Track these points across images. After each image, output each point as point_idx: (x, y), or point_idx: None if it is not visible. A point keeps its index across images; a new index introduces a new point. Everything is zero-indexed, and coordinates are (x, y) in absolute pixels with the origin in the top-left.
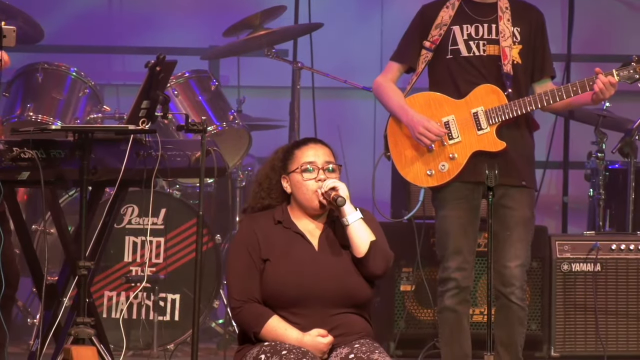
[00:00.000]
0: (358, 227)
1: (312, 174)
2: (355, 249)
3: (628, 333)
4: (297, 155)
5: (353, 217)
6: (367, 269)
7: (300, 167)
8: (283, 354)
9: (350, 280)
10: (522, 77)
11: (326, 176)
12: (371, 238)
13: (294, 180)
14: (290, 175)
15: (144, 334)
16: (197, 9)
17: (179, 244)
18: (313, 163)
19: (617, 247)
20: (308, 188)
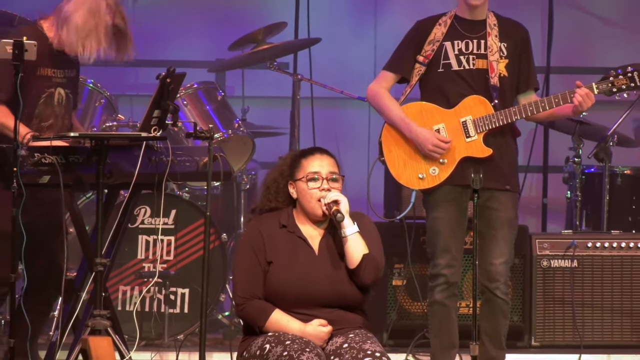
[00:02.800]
0: (353, 241)
1: (316, 183)
2: (349, 260)
3: (603, 324)
4: (303, 165)
5: (350, 230)
6: (358, 279)
7: (306, 177)
8: (287, 343)
9: (344, 286)
10: (508, 89)
11: (330, 186)
12: (364, 251)
13: (300, 188)
14: (297, 183)
15: (156, 326)
16: (205, 25)
17: (188, 242)
18: (318, 173)
19: (593, 245)
20: (312, 196)
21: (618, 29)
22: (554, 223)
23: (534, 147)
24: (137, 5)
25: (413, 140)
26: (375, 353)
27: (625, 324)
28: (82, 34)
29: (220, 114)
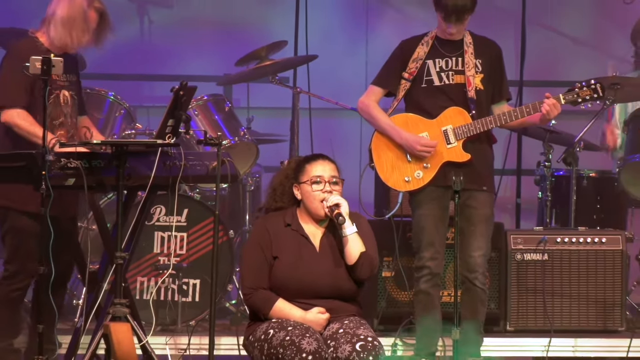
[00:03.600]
0: (352, 240)
1: (319, 186)
2: (347, 257)
3: (571, 311)
4: (307, 169)
5: (349, 231)
6: (355, 274)
7: (310, 180)
8: (289, 329)
9: (342, 280)
10: (483, 100)
11: (331, 188)
12: (362, 249)
13: (304, 190)
14: (301, 185)
15: (170, 313)
16: (213, 43)
17: (199, 238)
18: (321, 177)
19: (562, 240)
20: (315, 198)
21: (584, 47)
22: (526, 220)
23: (508, 152)
24: (152, 26)
25: (403, 145)
26: (367, 337)
27: (591, 311)
28: (67, 25)
29: (227, 123)
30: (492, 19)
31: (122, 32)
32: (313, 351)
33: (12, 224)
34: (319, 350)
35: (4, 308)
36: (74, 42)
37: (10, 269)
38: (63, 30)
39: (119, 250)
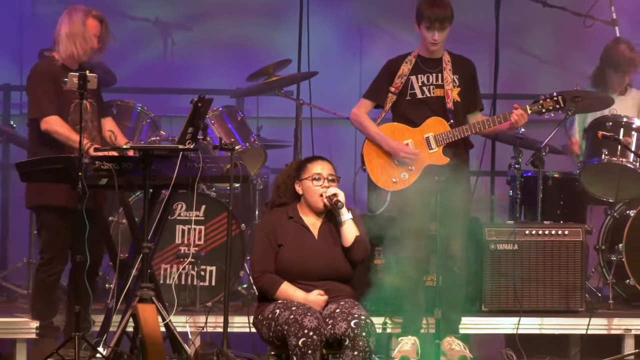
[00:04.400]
0: (348, 225)
1: (319, 182)
2: (344, 240)
3: (537, 294)
4: (308, 168)
5: (346, 217)
6: (350, 255)
7: (311, 177)
8: (293, 309)
9: (338, 262)
10: (460, 111)
11: (329, 184)
12: (357, 234)
13: (305, 186)
14: (303, 182)
15: (190, 295)
16: (227, 60)
17: (215, 230)
18: (320, 174)
19: (530, 232)
20: (315, 192)
21: (549, 64)
22: (499, 215)
23: (483, 156)
24: (175, 47)
25: (389, 152)
26: (360, 316)
27: (555, 293)
28: (71, 38)
29: (239, 130)
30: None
31: (148, 51)
32: (314, 328)
33: (45, 219)
34: (318, 327)
35: (43, 291)
36: (80, 52)
37: (46, 257)
38: (68, 43)
39: (146, 241)
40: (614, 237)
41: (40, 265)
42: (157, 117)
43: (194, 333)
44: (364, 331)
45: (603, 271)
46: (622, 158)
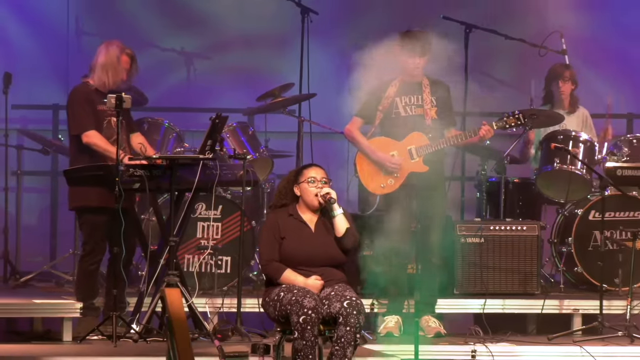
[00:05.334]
0: (340, 218)
1: (313, 184)
2: (337, 231)
3: (500, 279)
4: (305, 173)
5: (338, 212)
6: (342, 244)
7: (307, 180)
8: (294, 292)
9: (332, 251)
10: (437, 127)
11: (322, 186)
12: (347, 226)
13: (302, 188)
14: (300, 185)
15: (208, 281)
16: (241, 84)
17: (230, 227)
18: (314, 177)
19: (493, 228)
20: (311, 193)
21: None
22: (468, 214)
23: (455, 164)
24: (196, 73)
25: (377, 162)
26: (352, 298)
27: (515, 279)
28: (104, 69)
29: (250, 143)
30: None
31: (174, 76)
32: (312, 307)
33: (86, 218)
34: (316, 307)
35: (86, 277)
36: (110, 82)
37: (87, 249)
38: (102, 73)
39: (172, 236)
40: (564, 232)
41: (82, 256)
42: (181, 131)
43: (212, 312)
44: (355, 310)
45: (555, 260)
46: (571, 166)
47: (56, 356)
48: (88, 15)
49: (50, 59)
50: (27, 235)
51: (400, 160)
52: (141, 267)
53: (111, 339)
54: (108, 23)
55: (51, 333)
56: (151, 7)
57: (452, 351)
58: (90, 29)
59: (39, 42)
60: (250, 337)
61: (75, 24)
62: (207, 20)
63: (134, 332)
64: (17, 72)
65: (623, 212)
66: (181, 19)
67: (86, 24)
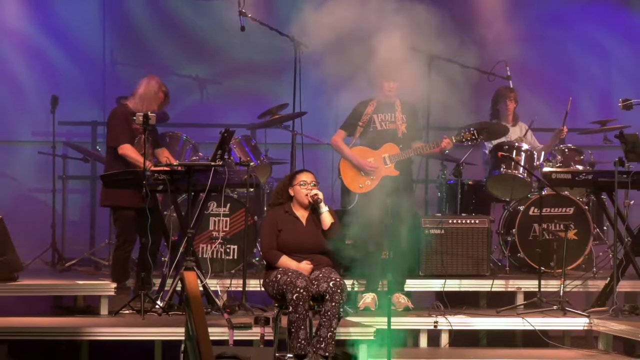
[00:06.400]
0: (325, 215)
1: (304, 187)
2: (323, 225)
3: (457, 263)
4: (298, 177)
5: (324, 209)
6: (327, 235)
7: (299, 183)
8: (289, 274)
9: (319, 241)
10: (407, 139)
11: (312, 188)
12: (332, 220)
13: (296, 189)
14: (294, 187)
15: (219, 265)
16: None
17: (236, 221)
18: (305, 181)
19: (452, 221)
20: (302, 193)
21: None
22: (431, 210)
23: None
24: (208, 95)
25: (357, 167)
26: (336, 279)
27: (469, 263)
28: (142, 99)
29: (253, 152)
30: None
31: (190, 98)
32: (304, 286)
33: (119, 214)
34: (306, 286)
35: (119, 263)
36: (144, 109)
37: (120, 240)
38: (139, 101)
39: (189, 228)
40: (509, 224)
41: (117, 247)
42: (196, 143)
43: (223, 291)
44: (339, 289)
45: (502, 248)
46: (514, 170)
47: (95, 327)
48: (120, 47)
49: (90, 84)
50: (71, 228)
51: (376, 166)
52: (164, 254)
53: (140, 313)
54: (136, 54)
55: (91, 308)
56: (171, 41)
57: (418, 322)
58: (122, 59)
59: (80, 69)
60: (253, 311)
61: (110, 54)
62: (217, 52)
63: (158, 307)
64: (62, 95)
65: (557, 208)
66: (196, 50)
67: (119, 54)
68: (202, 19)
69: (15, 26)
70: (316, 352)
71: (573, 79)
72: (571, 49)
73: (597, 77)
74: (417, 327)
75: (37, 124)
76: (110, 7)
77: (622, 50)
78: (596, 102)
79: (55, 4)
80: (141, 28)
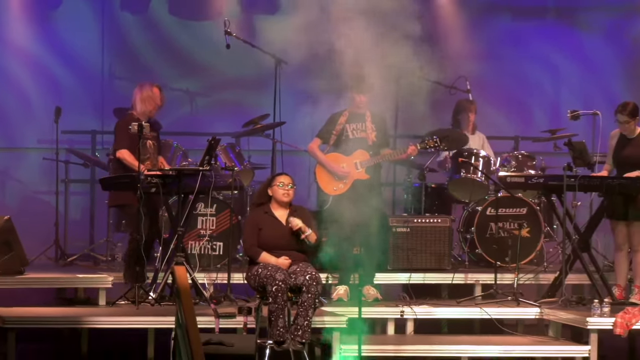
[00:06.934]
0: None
1: (282, 188)
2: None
3: (421, 258)
4: (277, 179)
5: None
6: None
7: (277, 184)
8: (269, 268)
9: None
10: (376, 147)
11: (288, 189)
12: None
13: (274, 190)
14: (273, 187)
15: (206, 260)
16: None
17: (222, 220)
18: (283, 182)
19: (417, 220)
20: (280, 194)
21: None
22: (398, 210)
23: (388, 173)
24: (197, 106)
25: (331, 171)
26: (312, 272)
27: (432, 258)
28: (144, 101)
29: (237, 158)
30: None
31: (182, 109)
32: (282, 279)
33: (127, 212)
34: (285, 279)
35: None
36: (150, 108)
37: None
38: (142, 105)
39: (179, 227)
40: (468, 223)
41: (130, 240)
42: (186, 150)
43: (209, 283)
44: (314, 282)
45: (462, 244)
46: (473, 175)
47: (94, 316)
48: (118, 63)
49: (90, 97)
50: (72, 227)
51: (348, 170)
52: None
53: (134, 304)
54: (132, 70)
55: (90, 299)
56: (164, 58)
57: (386, 311)
58: (119, 73)
59: (81, 83)
60: (237, 302)
61: (108, 70)
62: (205, 68)
63: (151, 298)
64: (65, 106)
65: (511, 209)
66: (186, 66)
67: (116, 70)
68: (192, 38)
69: (24, 45)
70: (294, 339)
71: (527, 93)
72: (525, 66)
73: (548, 91)
74: (385, 316)
75: (42, 132)
76: (109, 27)
77: (570, 67)
78: (547, 113)
79: (59, 24)
80: (136, 46)
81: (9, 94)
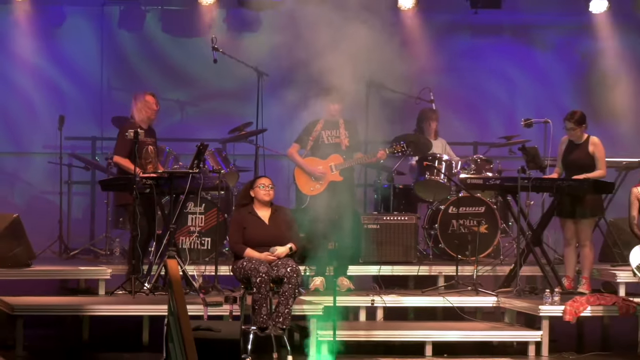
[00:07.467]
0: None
1: (263, 189)
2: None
3: (390, 251)
4: (258, 181)
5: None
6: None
7: (259, 186)
8: (253, 262)
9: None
10: (349, 151)
11: (268, 190)
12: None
13: (256, 191)
14: (255, 189)
15: (196, 254)
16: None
17: (210, 218)
18: (264, 184)
19: (386, 218)
20: (262, 194)
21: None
22: (369, 208)
23: (360, 175)
24: (187, 115)
25: (308, 173)
26: (293, 265)
27: (400, 251)
28: (140, 110)
29: (224, 161)
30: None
31: (173, 117)
32: (265, 272)
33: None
34: (268, 271)
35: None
36: (149, 113)
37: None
38: (140, 113)
39: (172, 224)
40: (432, 220)
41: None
42: (177, 154)
43: (199, 275)
44: (295, 273)
45: (426, 240)
46: (436, 177)
47: (94, 305)
48: (115, 75)
49: (90, 105)
50: (75, 224)
51: (324, 172)
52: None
53: (131, 293)
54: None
55: (91, 289)
56: (157, 71)
57: (358, 300)
58: (116, 85)
59: (82, 94)
60: (224, 291)
61: (107, 81)
62: (195, 80)
63: (146, 288)
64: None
65: (471, 207)
66: (177, 78)
67: (114, 81)
68: (183, 53)
69: (30, 58)
70: (275, 325)
71: (485, 103)
72: (484, 79)
73: (504, 101)
74: (358, 304)
75: (47, 138)
76: (108, 43)
77: (524, 80)
78: (503, 121)
79: (63, 40)
80: (133, 60)
81: (17, 103)
